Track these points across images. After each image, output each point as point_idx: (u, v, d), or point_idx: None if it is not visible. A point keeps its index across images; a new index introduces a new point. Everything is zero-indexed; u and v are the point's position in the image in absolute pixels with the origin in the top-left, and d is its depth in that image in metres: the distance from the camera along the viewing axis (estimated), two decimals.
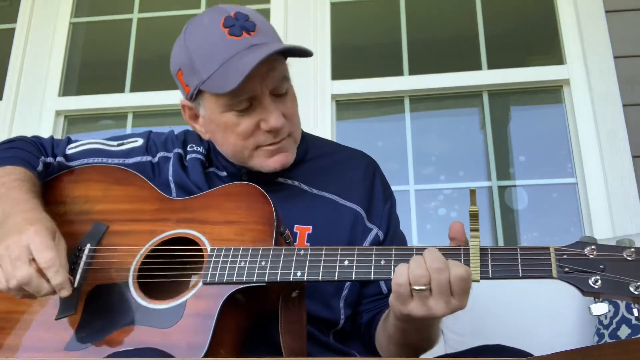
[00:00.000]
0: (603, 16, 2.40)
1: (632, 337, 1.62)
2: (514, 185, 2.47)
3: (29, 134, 2.60)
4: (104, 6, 2.93)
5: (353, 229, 1.28)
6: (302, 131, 1.38)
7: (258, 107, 1.21)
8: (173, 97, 2.65)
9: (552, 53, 2.57)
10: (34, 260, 1.05)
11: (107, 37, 2.99)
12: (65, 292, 1.06)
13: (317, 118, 2.46)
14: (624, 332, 1.71)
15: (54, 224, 1.14)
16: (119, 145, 1.39)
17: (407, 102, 2.55)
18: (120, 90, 2.71)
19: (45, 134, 2.58)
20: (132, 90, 2.71)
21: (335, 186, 1.33)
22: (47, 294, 1.07)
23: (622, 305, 1.75)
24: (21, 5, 2.79)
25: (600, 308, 0.93)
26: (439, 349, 1.94)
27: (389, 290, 1.03)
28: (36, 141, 1.36)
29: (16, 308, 1.17)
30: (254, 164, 1.26)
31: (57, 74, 2.69)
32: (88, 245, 1.19)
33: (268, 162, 1.25)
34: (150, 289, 1.12)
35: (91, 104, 2.68)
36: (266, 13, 2.66)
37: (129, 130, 2.66)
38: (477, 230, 0.99)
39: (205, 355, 0.98)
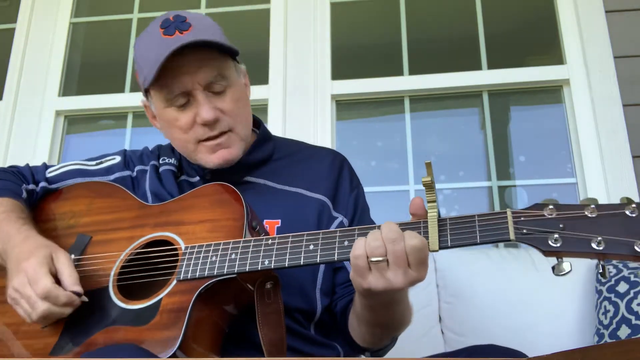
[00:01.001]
0: (603, 16, 2.40)
1: (632, 337, 1.62)
2: (514, 185, 2.47)
3: (29, 134, 2.60)
4: (104, 6, 2.93)
5: (319, 219, 1.32)
6: (271, 133, 1.45)
7: (193, 102, 1.27)
8: None
9: (552, 53, 2.57)
10: None
11: (107, 37, 3.00)
12: (78, 303, 1.13)
13: (317, 118, 2.46)
14: (624, 332, 1.71)
15: (49, 244, 1.19)
16: (97, 164, 1.45)
17: (407, 102, 2.55)
18: (120, 90, 2.72)
19: (45, 134, 2.58)
20: (132, 90, 2.71)
21: (301, 180, 1.37)
22: (69, 311, 1.13)
23: (622, 305, 1.75)
24: (21, 5, 2.79)
25: (563, 267, 0.90)
26: (438, 348, 1.95)
27: None
28: (14, 170, 1.41)
29: (5, 321, 1.21)
30: (199, 160, 1.32)
31: (57, 74, 2.69)
32: (72, 256, 1.23)
33: (211, 157, 1.30)
34: (133, 293, 1.16)
35: (91, 104, 2.68)
36: (266, 13, 2.66)
37: (128, 130, 2.67)
38: (434, 201, 1.00)
39: (180, 348, 1.01)
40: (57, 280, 1.13)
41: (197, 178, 1.38)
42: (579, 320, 1.87)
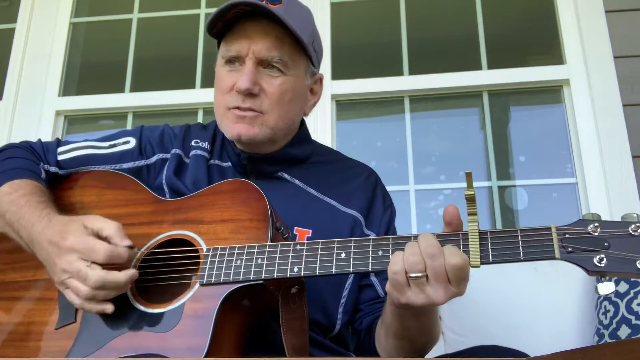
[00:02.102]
0: (603, 16, 2.40)
1: (632, 337, 1.62)
2: (514, 185, 2.47)
3: (29, 134, 2.59)
4: (104, 6, 2.93)
5: (352, 235, 1.28)
6: (311, 137, 1.42)
7: (241, 69, 1.25)
8: (173, 97, 2.65)
9: (552, 53, 2.57)
10: (93, 262, 1.03)
11: (107, 37, 2.99)
12: (133, 256, 1.08)
13: (317, 118, 2.46)
14: (624, 332, 1.71)
15: (74, 217, 1.11)
16: (110, 146, 1.37)
17: (407, 102, 2.55)
18: (120, 90, 2.71)
19: (45, 134, 2.58)
20: (132, 90, 2.71)
21: (335, 192, 1.33)
22: (126, 282, 1.05)
23: (622, 305, 1.75)
24: (21, 5, 2.79)
25: (607, 287, 0.89)
26: (438, 348, 1.95)
27: (386, 294, 1.02)
28: (27, 147, 1.34)
29: (16, 320, 1.16)
30: (224, 127, 1.29)
31: (57, 74, 2.69)
32: None
33: (232, 126, 1.26)
34: (150, 292, 1.11)
35: (91, 104, 2.68)
36: None
37: None
38: (474, 214, 0.96)
39: (205, 356, 0.96)
40: None
41: (229, 164, 1.34)
42: (579, 320, 1.87)
